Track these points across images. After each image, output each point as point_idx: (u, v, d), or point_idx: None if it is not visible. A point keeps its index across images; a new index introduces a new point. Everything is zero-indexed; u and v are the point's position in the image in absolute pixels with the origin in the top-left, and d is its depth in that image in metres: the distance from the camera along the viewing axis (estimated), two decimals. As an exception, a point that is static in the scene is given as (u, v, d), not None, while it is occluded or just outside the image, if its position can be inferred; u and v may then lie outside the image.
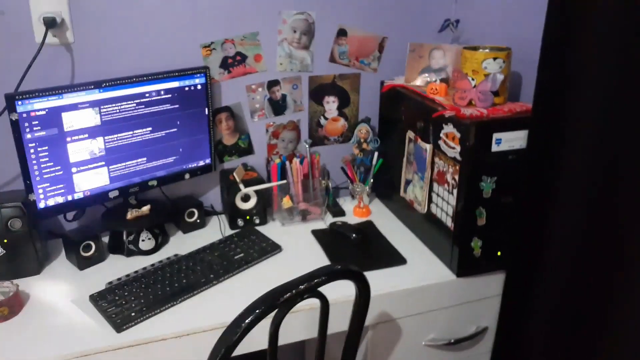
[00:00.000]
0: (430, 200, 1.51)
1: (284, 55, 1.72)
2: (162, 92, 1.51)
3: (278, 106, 1.78)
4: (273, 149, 1.83)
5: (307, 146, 1.78)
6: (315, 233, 1.65)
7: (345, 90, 1.84)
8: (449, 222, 1.42)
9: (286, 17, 1.67)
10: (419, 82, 1.65)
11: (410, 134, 1.58)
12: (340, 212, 1.79)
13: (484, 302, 1.49)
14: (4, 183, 1.53)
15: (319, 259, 1.51)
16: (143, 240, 1.51)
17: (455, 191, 1.38)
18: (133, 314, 1.23)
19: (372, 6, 1.75)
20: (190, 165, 1.65)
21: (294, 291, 0.98)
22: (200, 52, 1.62)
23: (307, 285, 0.98)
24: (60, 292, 1.36)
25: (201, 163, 1.68)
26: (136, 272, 1.40)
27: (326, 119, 1.85)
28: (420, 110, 1.53)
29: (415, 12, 1.80)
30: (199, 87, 1.58)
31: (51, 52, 1.46)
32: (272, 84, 1.74)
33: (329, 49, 1.76)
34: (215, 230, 1.68)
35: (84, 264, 1.45)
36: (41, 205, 1.38)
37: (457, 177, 1.37)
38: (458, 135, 1.35)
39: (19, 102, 1.27)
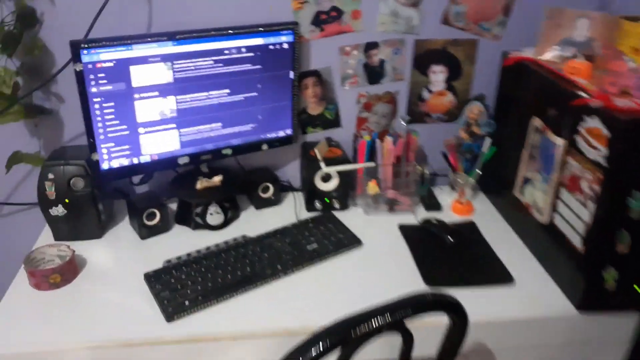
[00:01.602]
0: (554, 209, 1.21)
1: (388, 13, 1.44)
2: (244, 50, 1.31)
3: (374, 73, 1.52)
4: (363, 123, 1.59)
5: (403, 123, 1.51)
6: (403, 229, 1.41)
7: (457, 60, 1.53)
8: (577, 241, 1.12)
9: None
10: (554, 57, 1.31)
11: (536, 122, 1.27)
12: (435, 206, 1.52)
13: (607, 347, 1.18)
14: (71, 138, 1.44)
15: (404, 263, 1.27)
16: (211, 214, 1.36)
17: (592, 204, 1.07)
18: (187, 302, 1.09)
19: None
20: (269, 135, 1.46)
21: (371, 324, 0.76)
22: (290, 5, 1.39)
23: (389, 320, 0.76)
24: (117, 263, 1.25)
25: (281, 134, 1.48)
26: (198, 251, 1.26)
27: (430, 92, 1.57)
28: (553, 93, 1.20)
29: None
30: (285, 46, 1.36)
31: (128, -4, 1.31)
32: (370, 46, 1.48)
33: (442, 7, 1.45)
34: (290, 209, 1.49)
35: (146, 233, 1.33)
36: (104, 166, 1.26)
37: (597, 187, 1.05)
38: (606, 133, 1.02)
39: (85, 52, 1.13)
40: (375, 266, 1.25)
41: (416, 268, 1.24)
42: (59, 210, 1.26)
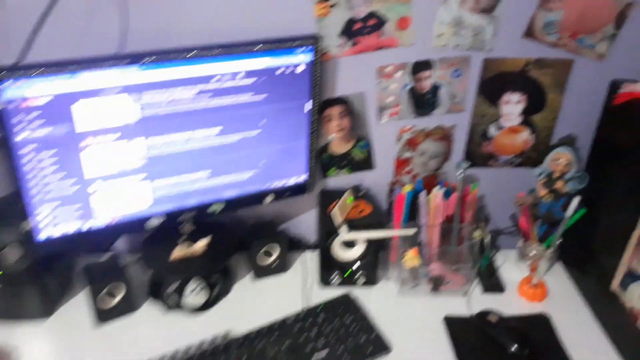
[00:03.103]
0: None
1: (449, 21, 1.02)
2: (241, 76, 0.93)
3: (423, 102, 1.12)
4: (405, 165, 1.19)
5: (461, 171, 1.11)
6: (451, 323, 1.02)
7: (540, 86, 1.10)
8: None
9: (464, -44, 0.96)
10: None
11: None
12: (497, 287, 1.13)
13: None
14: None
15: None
16: (191, 293, 1.01)
17: None
18: None
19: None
20: (275, 184, 1.09)
21: None
22: (311, 9, 0.99)
23: None
24: (60, 358, 0.93)
25: (293, 181, 1.11)
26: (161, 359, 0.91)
27: (500, 128, 1.15)
28: None
29: None
30: (300, 68, 0.97)
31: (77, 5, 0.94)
32: (421, 66, 1.07)
33: (527, 15, 1.02)
34: (298, 281, 1.13)
35: (103, 316, 1.00)
36: (43, 235, 0.93)
37: None
38: None
39: (8, 83, 0.78)
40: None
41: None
42: (-10, 285, 0.95)
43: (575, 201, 1.06)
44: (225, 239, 1.10)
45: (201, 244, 1.05)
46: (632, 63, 1.05)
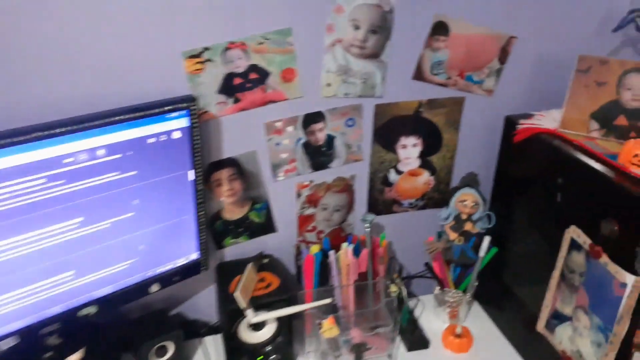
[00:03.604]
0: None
1: (335, 69, 0.95)
2: (102, 153, 0.77)
3: (319, 155, 1.02)
4: (308, 223, 1.09)
5: (367, 225, 1.03)
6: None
7: (435, 127, 1.07)
8: None
9: (343, 2, 0.89)
10: (596, 132, 0.87)
11: (576, 235, 0.82)
12: (421, 342, 1.05)
13: None
14: None
15: None
16: None
17: None
18: None
19: (499, -19, 0.96)
20: (160, 270, 0.92)
21: None
22: (181, 68, 0.86)
23: None
24: None
25: (182, 262, 0.95)
26: None
27: (400, 172, 1.09)
28: (607, 196, 0.76)
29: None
30: (175, 135, 0.83)
31: None
32: (312, 119, 0.99)
33: (414, 56, 0.98)
34: (205, 376, 0.96)
35: None
36: None
37: None
38: None
39: None
40: None
41: None
42: None
43: (486, 241, 1.03)
44: (105, 345, 0.90)
45: (74, 358, 0.85)
46: (520, 95, 1.05)
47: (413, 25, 0.95)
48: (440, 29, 0.96)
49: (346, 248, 1.03)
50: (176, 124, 0.82)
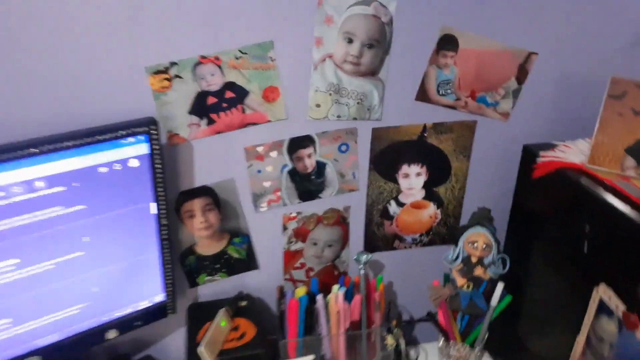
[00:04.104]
0: None
1: (325, 88, 0.82)
2: (42, 185, 0.66)
3: (308, 184, 0.90)
4: (295, 259, 0.96)
5: (361, 267, 0.90)
6: None
7: (442, 154, 0.93)
8: None
9: (333, 12, 0.77)
10: (629, 170, 0.73)
11: (607, 297, 0.67)
12: (420, 405, 0.91)
13: None
14: None
15: None
16: None
17: None
18: None
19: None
20: (118, 314, 0.81)
21: None
22: (145, 84, 0.75)
23: None
24: None
25: (144, 304, 0.83)
26: None
27: (401, 204, 0.96)
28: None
29: (601, 9, 0.85)
30: (132, 164, 0.72)
31: None
32: (299, 144, 0.86)
33: (418, 74, 0.85)
34: None
35: None
36: None
37: None
38: None
39: None
40: None
41: None
42: None
43: (499, 289, 0.89)
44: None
45: (9, 421, 0.73)
46: (541, 121, 0.92)
47: (416, 39, 0.82)
48: (447, 42, 0.83)
49: (337, 292, 0.90)
50: (132, 151, 0.71)
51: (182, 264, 0.90)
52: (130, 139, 0.70)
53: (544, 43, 0.86)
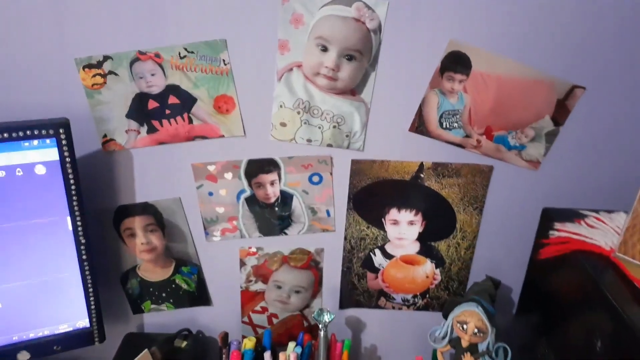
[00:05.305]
0: None
1: (293, 103, 0.67)
2: None
3: (270, 216, 0.75)
4: (255, 302, 0.81)
5: (322, 326, 0.72)
6: None
7: (444, 202, 0.73)
8: None
9: (303, 10, 0.61)
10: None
11: None
12: None
13: None
14: None
15: None
16: None
17: None
18: None
19: (544, 4, 0.60)
20: (32, 335, 0.71)
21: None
22: (76, 78, 0.64)
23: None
24: None
25: (64, 328, 0.73)
26: None
27: (389, 256, 0.77)
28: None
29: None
30: (38, 171, 0.61)
31: None
32: (260, 167, 0.71)
33: (414, 100, 0.66)
34: None
35: None
36: None
37: None
38: None
39: None
40: None
41: None
42: None
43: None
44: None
45: None
46: (581, 175, 0.69)
47: (413, 54, 0.64)
48: (456, 62, 0.64)
49: (289, 353, 0.74)
50: (38, 156, 0.61)
51: (123, 287, 0.79)
52: (34, 142, 0.60)
53: (595, 75, 0.63)
